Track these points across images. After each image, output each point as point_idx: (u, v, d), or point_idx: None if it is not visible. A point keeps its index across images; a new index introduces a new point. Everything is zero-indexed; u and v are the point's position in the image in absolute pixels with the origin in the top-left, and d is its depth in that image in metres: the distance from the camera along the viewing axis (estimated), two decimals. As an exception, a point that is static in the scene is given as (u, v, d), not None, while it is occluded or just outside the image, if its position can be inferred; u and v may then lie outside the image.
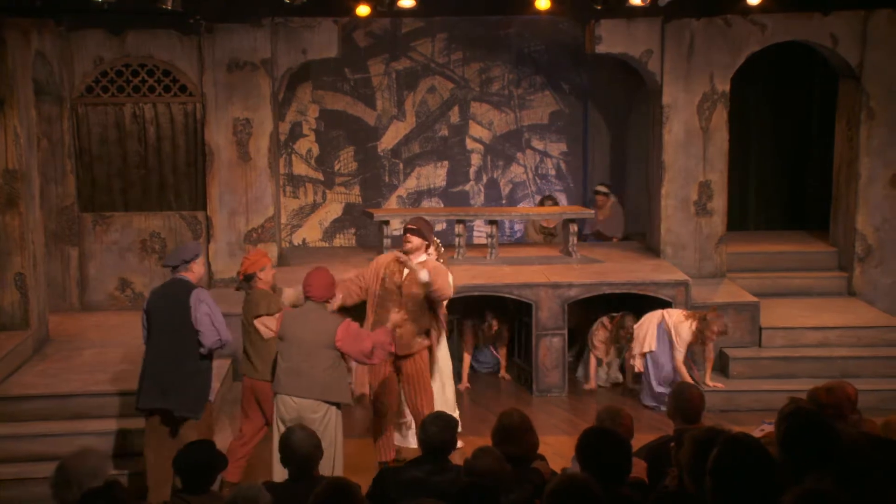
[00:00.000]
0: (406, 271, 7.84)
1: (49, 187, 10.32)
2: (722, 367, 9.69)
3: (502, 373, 10.42)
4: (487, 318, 10.14)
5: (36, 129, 9.64)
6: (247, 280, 7.41)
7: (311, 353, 6.77)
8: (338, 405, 6.90)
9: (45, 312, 9.46)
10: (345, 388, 7.00)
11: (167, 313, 6.99)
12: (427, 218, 8.65)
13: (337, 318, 7.00)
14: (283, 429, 6.63)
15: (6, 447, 7.66)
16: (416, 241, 7.87)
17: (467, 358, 10.26)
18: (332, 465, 6.76)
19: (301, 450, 5.21)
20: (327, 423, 6.77)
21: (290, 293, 7.73)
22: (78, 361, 8.78)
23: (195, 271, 7.10)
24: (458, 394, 9.33)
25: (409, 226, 7.99)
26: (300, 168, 12.47)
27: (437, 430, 5.44)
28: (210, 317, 6.94)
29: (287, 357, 6.84)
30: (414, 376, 7.88)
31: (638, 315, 9.69)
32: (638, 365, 9.47)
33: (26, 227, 8.96)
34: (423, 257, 7.91)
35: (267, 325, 7.27)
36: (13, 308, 8.94)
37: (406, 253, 7.85)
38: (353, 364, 7.99)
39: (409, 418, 8.31)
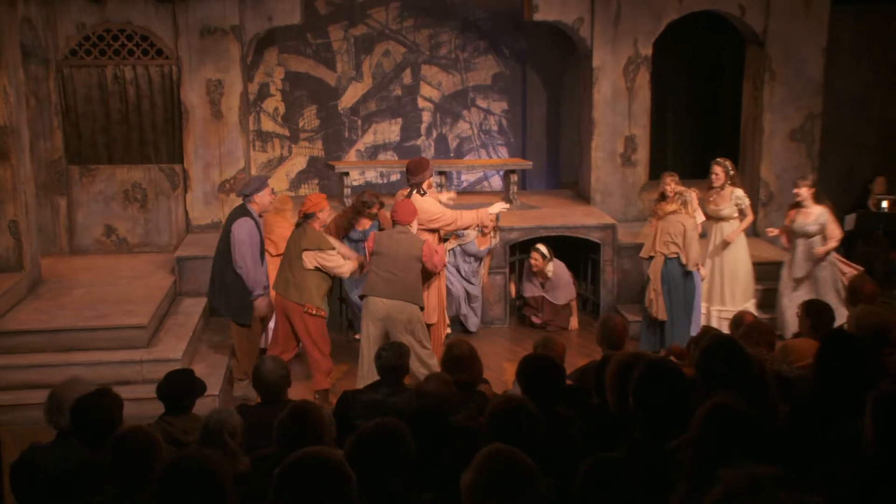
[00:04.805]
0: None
1: (38, 142, 10.04)
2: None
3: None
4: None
5: (24, 89, 9.35)
6: (306, 218, 7.58)
7: (404, 264, 7.22)
8: (419, 307, 7.30)
9: (38, 256, 9.26)
10: (421, 294, 7.39)
11: (224, 231, 7.72)
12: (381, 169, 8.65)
13: (420, 238, 7.39)
14: (372, 327, 7.19)
15: (4, 377, 7.53)
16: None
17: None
18: (416, 358, 6.99)
19: (269, 377, 5.14)
20: (411, 320, 7.19)
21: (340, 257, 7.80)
22: (68, 300, 8.62)
23: (257, 202, 7.63)
24: None
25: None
26: (268, 125, 12.26)
27: (390, 355, 5.45)
28: (242, 246, 7.46)
29: (382, 267, 7.24)
30: None
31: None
32: None
33: (18, 179, 8.71)
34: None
35: (322, 259, 7.47)
36: (8, 252, 8.73)
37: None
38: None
39: None
